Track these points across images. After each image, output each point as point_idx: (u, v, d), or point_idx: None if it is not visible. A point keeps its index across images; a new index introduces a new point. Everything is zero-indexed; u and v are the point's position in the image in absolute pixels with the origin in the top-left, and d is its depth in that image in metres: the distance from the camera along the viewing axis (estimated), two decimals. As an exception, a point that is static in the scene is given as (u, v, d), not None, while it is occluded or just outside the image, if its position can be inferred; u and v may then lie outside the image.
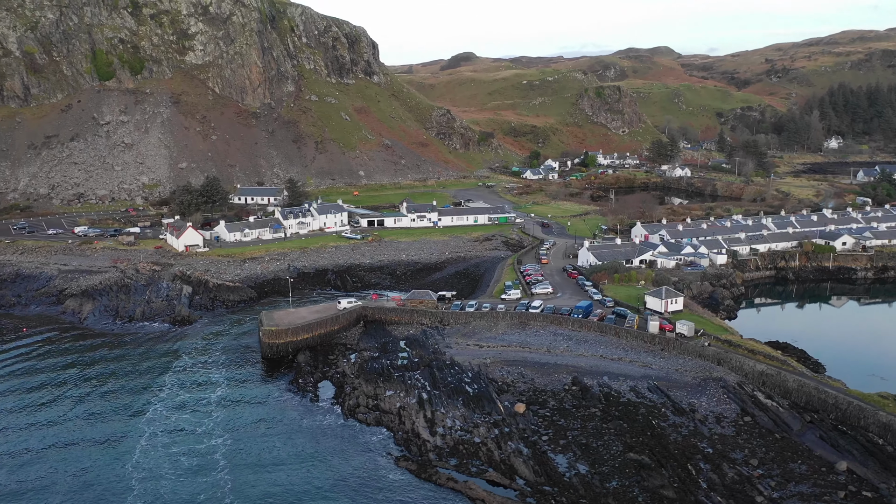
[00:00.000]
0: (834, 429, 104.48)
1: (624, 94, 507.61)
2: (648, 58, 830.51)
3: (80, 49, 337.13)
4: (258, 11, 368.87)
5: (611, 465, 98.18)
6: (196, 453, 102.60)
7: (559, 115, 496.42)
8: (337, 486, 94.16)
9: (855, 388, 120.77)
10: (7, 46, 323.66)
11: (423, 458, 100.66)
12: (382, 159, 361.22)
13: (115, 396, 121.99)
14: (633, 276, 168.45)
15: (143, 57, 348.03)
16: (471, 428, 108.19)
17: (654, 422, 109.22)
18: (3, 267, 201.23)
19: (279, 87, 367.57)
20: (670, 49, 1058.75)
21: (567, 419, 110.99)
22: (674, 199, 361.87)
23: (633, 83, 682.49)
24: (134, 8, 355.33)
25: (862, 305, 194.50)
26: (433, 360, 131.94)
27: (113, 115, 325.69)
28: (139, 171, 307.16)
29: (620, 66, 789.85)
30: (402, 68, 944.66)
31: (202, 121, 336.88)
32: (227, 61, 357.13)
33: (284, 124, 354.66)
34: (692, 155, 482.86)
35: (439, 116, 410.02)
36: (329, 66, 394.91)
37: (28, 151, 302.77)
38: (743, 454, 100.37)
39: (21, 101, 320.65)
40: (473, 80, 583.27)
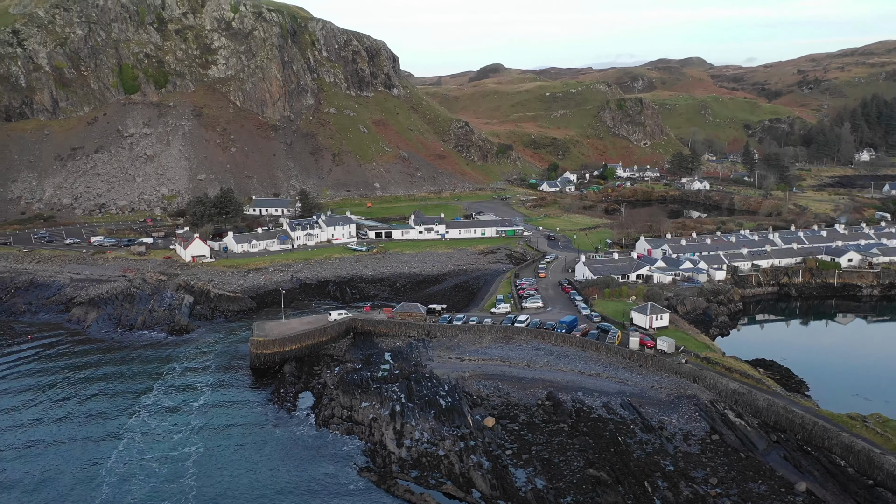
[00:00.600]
0: (799, 449, 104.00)
1: (646, 107, 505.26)
2: (678, 69, 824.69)
3: (107, 64, 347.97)
4: (279, 26, 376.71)
5: (569, 480, 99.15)
6: (169, 459, 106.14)
7: (580, 127, 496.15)
8: (296, 494, 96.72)
9: (836, 408, 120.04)
10: (38, 62, 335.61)
11: (386, 470, 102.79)
12: (398, 171, 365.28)
13: (100, 402, 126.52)
14: (623, 291, 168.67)
15: (168, 71, 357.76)
16: (437, 441, 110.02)
17: (621, 438, 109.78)
18: (19, 275, 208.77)
19: (299, 100, 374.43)
20: (702, 60, 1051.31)
21: (534, 434, 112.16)
22: (692, 212, 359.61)
23: (659, 95, 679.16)
24: (160, 24, 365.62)
25: (868, 324, 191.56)
26: (412, 372, 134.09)
27: (137, 127, 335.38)
28: (159, 182, 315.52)
29: (649, 77, 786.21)
30: (430, 80, 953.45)
31: (222, 133, 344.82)
32: (249, 75, 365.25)
33: (303, 136, 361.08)
34: (715, 167, 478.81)
35: (457, 129, 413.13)
36: (349, 79, 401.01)
37: (54, 163, 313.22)
38: (704, 473, 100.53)
39: (50, 114, 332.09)
40: (497, 92, 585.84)
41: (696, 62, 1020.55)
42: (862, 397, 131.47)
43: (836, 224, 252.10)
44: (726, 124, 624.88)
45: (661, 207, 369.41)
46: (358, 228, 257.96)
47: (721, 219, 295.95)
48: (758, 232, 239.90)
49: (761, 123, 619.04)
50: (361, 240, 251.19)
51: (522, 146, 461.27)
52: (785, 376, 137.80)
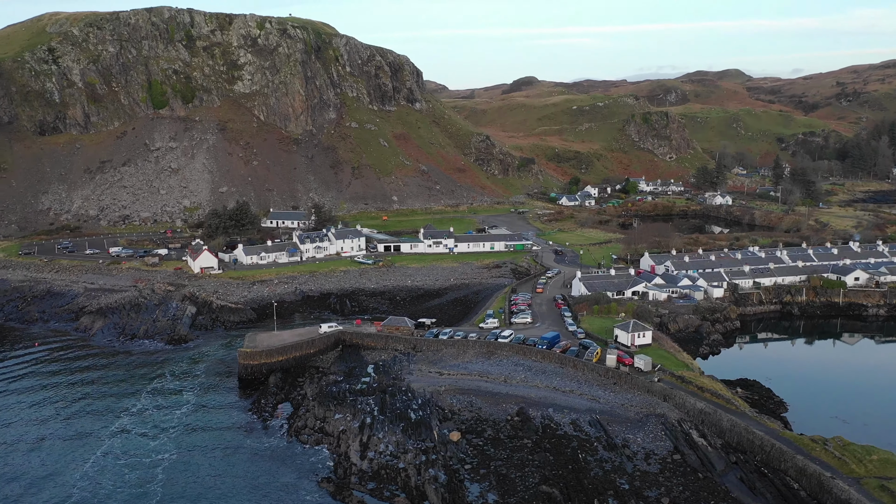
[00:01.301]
0: (756, 471, 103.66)
1: (672, 120, 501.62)
2: (712, 82, 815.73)
3: (137, 80, 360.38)
4: (303, 42, 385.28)
5: (521, 496, 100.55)
6: (141, 466, 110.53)
7: (605, 140, 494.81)
8: (252, 501, 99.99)
9: (810, 429, 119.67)
10: (71, 78, 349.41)
11: (345, 481, 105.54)
12: (417, 185, 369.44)
13: (87, 407, 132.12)
14: (613, 308, 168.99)
15: (195, 86, 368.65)
16: (400, 454, 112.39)
17: (581, 455, 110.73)
18: (37, 284, 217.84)
19: (321, 115, 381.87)
20: (740, 72, 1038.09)
21: (497, 449, 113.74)
22: (714, 227, 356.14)
23: (691, 108, 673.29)
24: (188, 41, 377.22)
25: (868, 344, 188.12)
26: (390, 385, 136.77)
27: (163, 141, 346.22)
28: (182, 194, 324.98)
29: (682, 90, 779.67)
30: (464, 93, 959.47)
31: (245, 147, 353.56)
32: (273, 90, 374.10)
33: (324, 150, 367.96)
34: (743, 182, 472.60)
35: (478, 142, 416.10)
36: (371, 93, 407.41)
37: (83, 175, 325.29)
38: (658, 492, 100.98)
39: (82, 129, 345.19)
40: (524, 105, 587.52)
41: (733, 74, 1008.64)
42: (840, 419, 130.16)
43: (850, 241, 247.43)
44: (759, 138, 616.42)
45: (682, 222, 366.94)
46: (367, 241, 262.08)
47: (735, 234, 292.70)
48: (767, 249, 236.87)
49: (795, 137, 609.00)
50: (370, 253, 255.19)
51: (546, 160, 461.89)
52: (764, 397, 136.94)
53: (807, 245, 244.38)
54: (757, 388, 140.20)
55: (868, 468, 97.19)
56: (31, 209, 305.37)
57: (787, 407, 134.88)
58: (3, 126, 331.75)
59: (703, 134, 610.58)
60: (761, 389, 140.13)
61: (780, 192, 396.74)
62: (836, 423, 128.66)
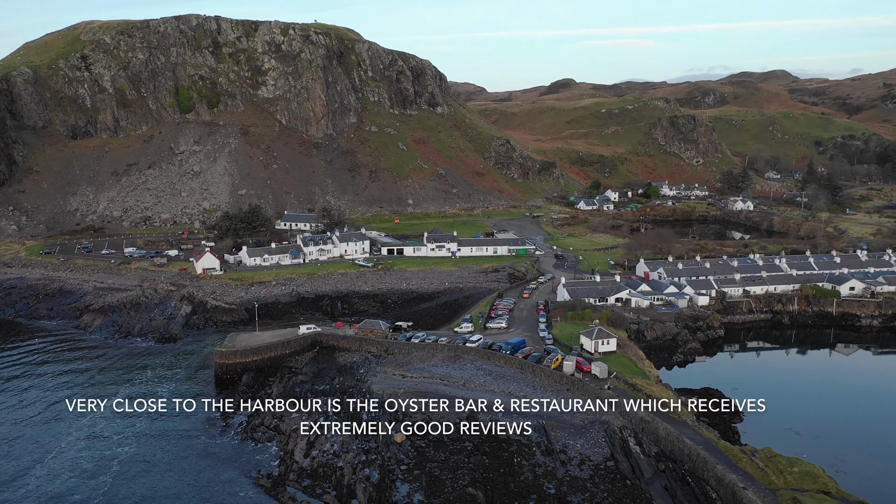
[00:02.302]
0: (682, 479, 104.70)
1: (699, 123, 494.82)
2: (753, 84, 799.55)
3: (164, 85, 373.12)
4: (325, 48, 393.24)
5: (446, 497, 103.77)
6: (100, 458, 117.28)
7: (630, 144, 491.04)
8: (185, 499, 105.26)
9: (759, 441, 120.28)
10: (102, 84, 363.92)
11: (283, 478, 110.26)
12: (434, 188, 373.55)
13: (63, 401, 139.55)
14: (587, 314, 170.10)
15: (220, 91, 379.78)
16: (343, 453, 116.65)
17: (516, 460, 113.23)
18: (51, 282, 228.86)
19: (342, 119, 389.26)
20: (787, 73, 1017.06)
21: (438, 451, 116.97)
22: (734, 233, 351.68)
23: (726, 111, 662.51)
24: (215, 47, 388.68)
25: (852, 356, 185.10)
26: (351, 387, 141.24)
27: (188, 145, 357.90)
28: (202, 196, 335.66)
29: (721, 92, 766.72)
30: (502, 95, 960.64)
31: (266, 150, 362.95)
32: (294, 95, 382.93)
33: (343, 154, 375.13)
34: (772, 186, 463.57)
35: (498, 146, 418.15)
36: (393, 98, 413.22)
37: (111, 178, 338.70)
38: (581, 497, 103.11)
39: (111, 133, 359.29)
40: (554, 108, 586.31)
41: (779, 75, 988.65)
42: (794, 431, 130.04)
43: (858, 250, 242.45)
44: (795, 141, 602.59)
45: (701, 228, 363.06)
46: (372, 244, 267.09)
47: (745, 241, 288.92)
48: (768, 256, 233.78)
49: (833, 140, 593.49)
50: (373, 256, 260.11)
51: (569, 163, 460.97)
52: (722, 406, 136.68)
53: (810, 253, 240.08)
54: (717, 398, 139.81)
55: (787, 480, 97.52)
56: (59, 210, 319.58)
57: (743, 417, 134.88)
58: (38, 130, 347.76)
59: (738, 137, 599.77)
60: (721, 399, 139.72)
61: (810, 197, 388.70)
62: (788, 434, 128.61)
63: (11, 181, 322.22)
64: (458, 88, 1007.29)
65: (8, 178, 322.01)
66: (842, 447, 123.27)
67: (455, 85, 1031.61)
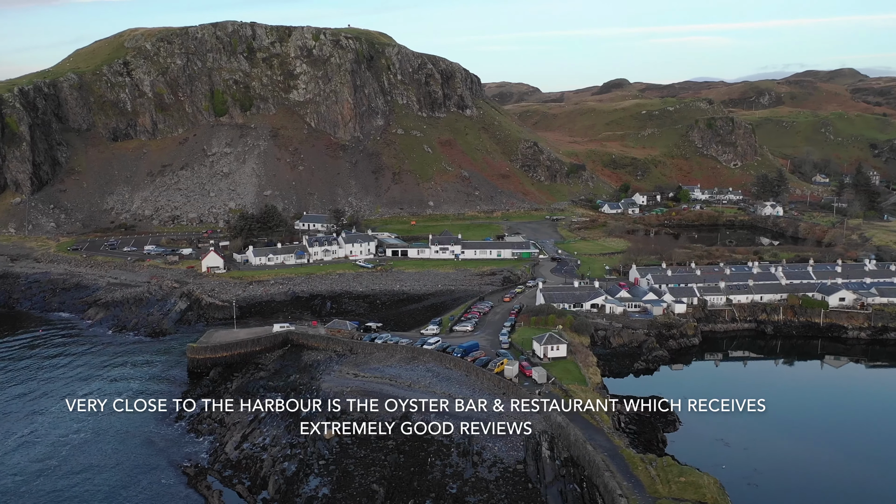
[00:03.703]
0: (580, 484, 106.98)
1: (737, 126, 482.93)
2: (811, 83, 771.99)
3: (201, 90, 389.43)
4: (354, 52, 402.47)
5: (350, 492, 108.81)
6: (55, 443, 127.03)
7: (666, 147, 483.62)
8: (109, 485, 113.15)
9: (685, 451, 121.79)
10: (142, 89, 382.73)
11: (208, 468, 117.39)
12: (456, 190, 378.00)
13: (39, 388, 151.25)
14: (550, 320, 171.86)
15: (253, 95, 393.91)
16: (270, 446, 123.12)
17: (431, 459, 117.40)
18: (71, 277, 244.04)
19: (369, 122, 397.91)
20: (855, 71, 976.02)
21: (361, 448, 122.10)
22: (762, 238, 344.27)
23: (778, 112, 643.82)
24: (249, 53, 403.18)
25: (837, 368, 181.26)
26: (303, 384, 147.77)
27: (219, 146, 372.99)
28: (229, 197, 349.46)
29: (777, 92, 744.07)
30: (553, 95, 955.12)
31: (293, 152, 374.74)
32: (324, 98, 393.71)
33: (368, 156, 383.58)
34: (814, 190, 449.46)
35: (525, 148, 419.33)
36: (421, 100, 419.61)
37: (146, 178, 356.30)
38: (479, 498, 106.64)
39: (150, 135, 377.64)
40: (594, 110, 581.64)
41: (846, 74, 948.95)
42: (724, 442, 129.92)
43: (866, 259, 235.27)
44: (850, 143, 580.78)
45: (729, 233, 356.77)
46: (378, 246, 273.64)
47: (755, 248, 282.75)
48: (765, 264, 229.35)
49: (889, 142, 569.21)
50: (377, 257, 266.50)
51: (601, 165, 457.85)
52: (657, 414, 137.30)
53: (813, 261, 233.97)
54: (656, 406, 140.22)
55: (671, 489, 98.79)
56: (96, 208, 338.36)
57: (678, 426, 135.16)
58: (82, 133, 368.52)
59: (788, 139, 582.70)
60: (661, 407, 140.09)
61: (842, 202, 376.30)
62: (718, 445, 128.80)
63: (54, 181, 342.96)
64: (511, 89, 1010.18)
65: (51, 178, 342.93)
66: (771, 462, 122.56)
67: (508, 85, 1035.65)
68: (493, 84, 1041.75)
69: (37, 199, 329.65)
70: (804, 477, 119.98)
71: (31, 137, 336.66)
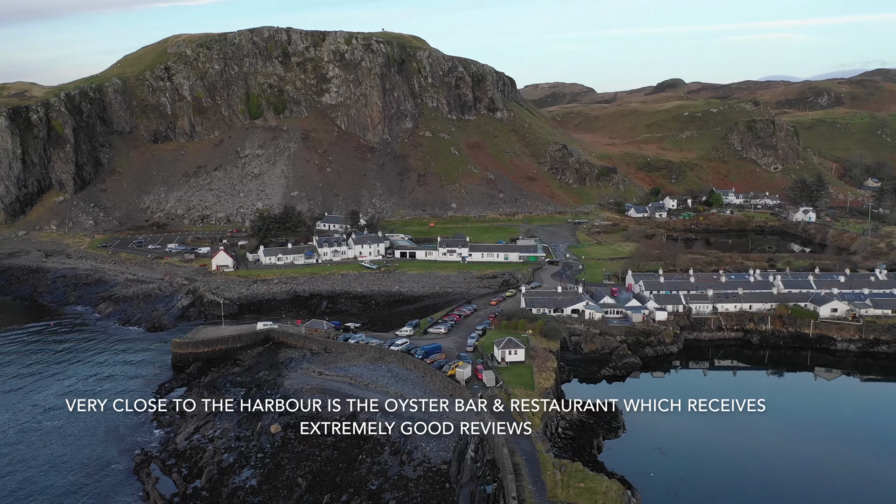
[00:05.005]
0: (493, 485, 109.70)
1: (779, 128, 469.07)
2: (874, 83, 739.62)
3: (237, 93, 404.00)
4: (384, 56, 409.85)
5: (276, 484, 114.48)
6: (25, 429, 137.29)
7: (704, 149, 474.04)
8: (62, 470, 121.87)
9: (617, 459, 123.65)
10: (182, 93, 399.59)
11: (154, 457, 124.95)
12: (480, 192, 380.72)
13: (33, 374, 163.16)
14: (521, 324, 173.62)
15: (286, 99, 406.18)
16: (217, 438, 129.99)
17: (361, 457, 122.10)
18: (94, 273, 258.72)
19: (398, 124, 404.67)
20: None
21: (302, 443, 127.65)
22: (793, 245, 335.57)
23: (832, 113, 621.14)
24: (284, 57, 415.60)
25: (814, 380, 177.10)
26: (265, 380, 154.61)
27: (252, 148, 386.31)
28: (258, 197, 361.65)
29: (837, 92, 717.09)
30: (607, 96, 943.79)
31: (322, 154, 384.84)
32: (354, 101, 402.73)
33: (395, 158, 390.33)
34: (858, 195, 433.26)
35: (554, 151, 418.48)
36: (451, 103, 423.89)
37: (181, 179, 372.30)
38: (394, 496, 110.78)
39: (188, 137, 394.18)
40: (636, 111, 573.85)
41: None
42: (661, 451, 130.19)
43: (876, 269, 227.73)
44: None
45: (759, 239, 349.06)
46: (388, 247, 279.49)
47: (770, 255, 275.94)
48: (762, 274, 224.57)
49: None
50: (386, 258, 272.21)
51: (636, 168, 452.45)
52: (606, 420, 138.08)
53: (818, 270, 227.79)
54: (604, 414, 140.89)
55: (568, 494, 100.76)
56: (133, 207, 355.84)
57: (620, 434, 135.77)
58: (125, 135, 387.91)
59: (840, 142, 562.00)
60: (608, 415, 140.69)
61: (883, 208, 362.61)
62: (654, 454, 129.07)
63: (96, 181, 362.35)
64: (564, 90, 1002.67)
65: (93, 178, 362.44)
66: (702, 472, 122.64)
67: (561, 86, 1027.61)
68: (545, 84, 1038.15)
69: (78, 198, 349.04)
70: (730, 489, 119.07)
71: (75, 140, 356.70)
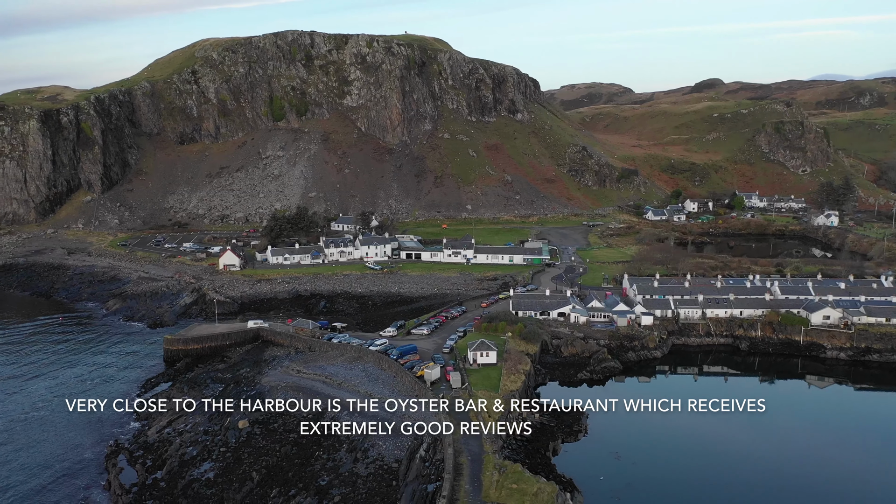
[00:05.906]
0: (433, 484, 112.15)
1: (808, 129, 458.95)
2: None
3: (260, 96, 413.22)
4: (405, 59, 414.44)
5: (230, 476, 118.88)
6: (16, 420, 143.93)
7: (730, 151, 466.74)
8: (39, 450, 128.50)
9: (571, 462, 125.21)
10: (207, 96, 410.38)
11: (125, 448, 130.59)
12: (496, 194, 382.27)
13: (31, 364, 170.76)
14: (500, 327, 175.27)
15: (308, 101, 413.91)
16: (185, 432, 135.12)
17: (318, 453, 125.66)
18: (111, 270, 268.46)
19: (417, 126, 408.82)
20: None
21: (266, 438, 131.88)
22: (814, 250, 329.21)
23: (872, 114, 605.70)
24: (307, 60, 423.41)
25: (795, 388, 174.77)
26: (245, 377, 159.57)
27: (273, 150, 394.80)
28: (276, 198, 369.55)
29: (879, 92, 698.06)
30: (643, 96, 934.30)
31: (341, 156, 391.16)
32: (374, 103, 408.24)
33: (413, 160, 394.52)
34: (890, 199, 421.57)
35: (573, 153, 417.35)
36: (471, 105, 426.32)
37: (205, 179, 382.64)
38: (341, 491, 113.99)
39: (212, 139, 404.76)
40: (665, 112, 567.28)
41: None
42: (616, 455, 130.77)
43: (883, 276, 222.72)
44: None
45: (779, 244, 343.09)
46: (395, 248, 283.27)
47: (778, 260, 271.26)
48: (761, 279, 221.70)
49: None
50: (392, 259, 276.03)
51: (659, 170, 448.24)
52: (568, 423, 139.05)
53: (821, 276, 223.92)
54: (567, 416, 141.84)
55: (500, 494, 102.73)
56: (157, 207, 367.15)
57: (580, 437, 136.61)
58: (153, 137, 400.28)
59: (879, 143, 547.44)
60: (571, 417, 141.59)
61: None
62: (609, 458, 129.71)
63: (123, 181, 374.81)
64: (601, 90, 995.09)
65: (121, 178, 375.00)
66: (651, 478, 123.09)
67: (598, 86, 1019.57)
68: (582, 85, 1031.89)
69: (105, 198, 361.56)
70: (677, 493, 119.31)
71: (104, 141, 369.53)
